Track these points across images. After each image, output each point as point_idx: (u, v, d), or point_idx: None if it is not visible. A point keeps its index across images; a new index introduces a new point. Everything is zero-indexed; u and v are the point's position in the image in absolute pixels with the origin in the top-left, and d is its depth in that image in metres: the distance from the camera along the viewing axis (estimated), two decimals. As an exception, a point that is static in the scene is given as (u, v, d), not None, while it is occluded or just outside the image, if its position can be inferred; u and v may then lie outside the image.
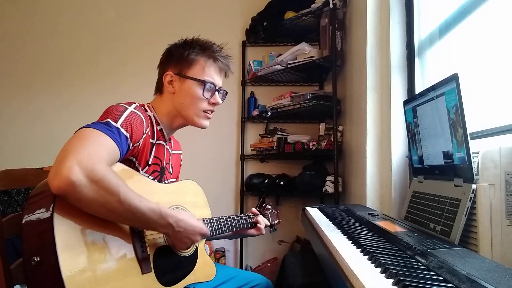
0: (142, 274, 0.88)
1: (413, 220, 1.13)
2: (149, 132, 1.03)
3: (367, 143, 1.65)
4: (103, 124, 0.87)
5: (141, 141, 0.98)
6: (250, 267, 2.56)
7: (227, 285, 1.21)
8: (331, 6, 2.10)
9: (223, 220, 1.21)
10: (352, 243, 0.83)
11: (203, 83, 1.09)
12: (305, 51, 2.27)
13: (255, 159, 2.66)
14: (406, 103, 1.26)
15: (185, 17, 2.80)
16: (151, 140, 1.05)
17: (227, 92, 1.20)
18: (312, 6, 2.25)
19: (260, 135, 2.64)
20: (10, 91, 2.83)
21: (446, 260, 0.67)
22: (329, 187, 2.15)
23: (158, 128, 1.10)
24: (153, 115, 1.09)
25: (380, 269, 0.62)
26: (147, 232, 0.93)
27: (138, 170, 1.03)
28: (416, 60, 1.56)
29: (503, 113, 1.04)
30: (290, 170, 2.57)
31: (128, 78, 2.78)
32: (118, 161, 0.90)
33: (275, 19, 2.47)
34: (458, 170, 0.94)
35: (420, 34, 1.56)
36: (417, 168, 1.22)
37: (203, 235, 0.99)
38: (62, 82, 2.82)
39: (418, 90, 1.52)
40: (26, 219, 0.76)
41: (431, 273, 0.62)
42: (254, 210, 1.40)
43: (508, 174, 0.84)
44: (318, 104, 2.22)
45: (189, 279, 1.04)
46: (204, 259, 1.13)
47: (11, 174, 1.01)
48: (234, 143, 2.72)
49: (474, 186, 0.86)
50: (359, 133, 1.79)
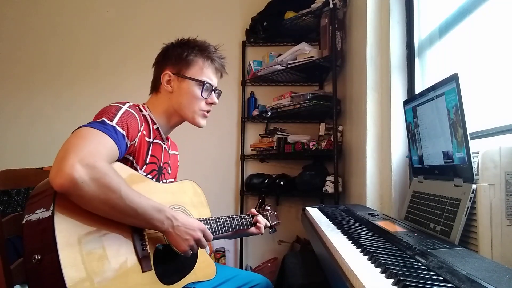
0: (143, 272, 0.88)
1: (413, 220, 1.13)
2: (144, 131, 1.04)
3: (367, 143, 1.65)
4: (99, 123, 0.88)
5: (136, 139, 0.99)
6: (250, 267, 2.56)
7: (227, 285, 1.20)
8: (331, 6, 2.10)
9: (222, 220, 1.21)
10: (352, 243, 0.83)
11: (202, 83, 1.11)
12: (305, 51, 2.27)
13: (255, 159, 2.66)
14: (406, 103, 1.26)
15: (185, 17, 2.80)
16: (147, 139, 1.06)
17: (221, 92, 1.22)
18: (312, 6, 2.25)
19: (260, 135, 2.64)
20: (10, 91, 2.83)
21: (446, 260, 0.67)
22: (329, 187, 2.15)
23: (155, 127, 1.10)
24: (148, 114, 1.09)
25: (380, 269, 0.62)
26: (147, 230, 0.93)
27: (137, 170, 1.03)
28: (416, 60, 1.56)
29: (503, 113, 1.04)
30: (290, 170, 2.57)
31: (128, 78, 2.78)
32: (118, 159, 0.91)
33: (275, 19, 2.47)
34: (458, 170, 0.94)
35: (420, 34, 1.56)
36: (417, 168, 1.22)
37: (203, 231, 0.98)
38: (62, 82, 2.82)
39: (418, 90, 1.52)
40: (26, 218, 0.77)
41: (431, 273, 0.62)
42: (253, 210, 1.40)
43: (508, 174, 0.84)
44: (318, 104, 2.22)
45: (189, 278, 1.04)
46: (204, 258, 1.13)
47: (11, 174, 1.01)
48: (234, 143, 2.72)
49: (474, 186, 0.86)
50: (359, 133, 1.79)
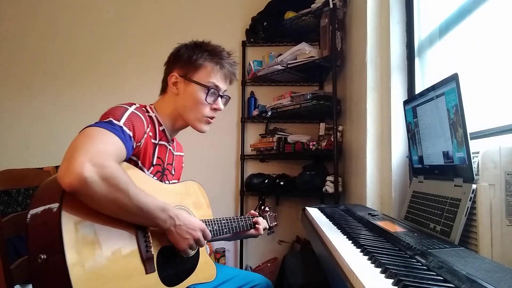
0: (146, 274, 0.88)
1: (413, 220, 1.13)
2: (150, 133, 1.03)
3: (367, 143, 1.65)
4: (106, 123, 0.88)
5: (142, 141, 0.99)
6: (250, 267, 2.56)
7: (227, 285, 1.21)
8: (331, 6, 2.10)
9: (223, 221, 1.21)
10: (352, 243, 0.83)
11: (207, 88, 1.09)
12: (305, 51, 2.27)
13: (255, 159, 2.66)
14: (406, 103, 1.26)
15: (185, 17, 2.80)
16: (153, 141, 1.06)
17: (230, 97, 1.20)
18: (312, 6, 2.25)
19: (260, 135, 2.64)
20: (10, 91, 2.83)
21: (446, 260, 0.67)
22: (329, 187, 2.15)
23: (161, 129, 1.10)
24: (155, 116, 1.09)
25: (380, 269, 0.62)
26: (151, 232, 0.93)
27: (143, 171, 1.03)
28: (416, 60, 1.56)
29: (503, 113, 1.04)
30: (290, 170, 2.57)
31: (128, 78, 2.78)
32: (125, 159, 0.91)
33: (275, 19, 2.47)
34: (458, 170, 0.94)
35: (420, 34, 1.56)
36: (417, 168, 1.22)
37: (203, 230, 0.99)
38: (62, 82, 2.82)
39: (418, 90, 1.52)
40: (32, 215, 0.76)
41: (431, 273, 0.62)
42: (253, 212, 1.40)
43: (508, 174, 0.84)
44: (318, 104, 2.22)
45: (190, 280, 1.05)
46: (205, 259, 1.14)
47: (11, 174, 1.01)
48: (234, 143, 2.72)
49: (474, 186, 0.86)
50: (359, 133, 1.79)
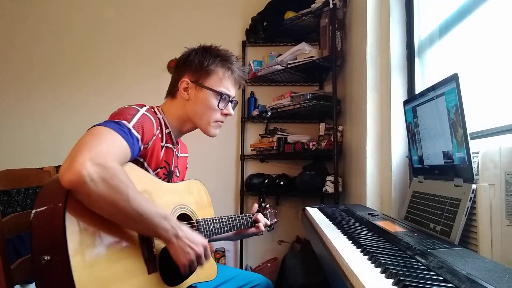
0: (149, 274, 0.88)
1: (413, 220, 1.13)
2: (159, 135, 1.04)
3: (367, 143, 1.65)
4: (115, 124, 0.87)
5: (150, 142, 0.99)
6: (250, 267, 2.56)
7: (227, 285, 1.21)
8: (331, 6, 2.10)
9: (225, 220, 1.21)
10: (352, 243, 0.83)
11: (219, 94, 1.09)
12: (305, 51, 2.27)
13: (255, 159, 2.67)
14: (406, 103, 1.26)
15: (185, 17, 2.79)
16: (161, 143, 1.06)
17: (237, 102, 1.22)
18: (312, 6, 2.26)
19: (260, 135, 2.64)
20: (10, 91, 2.83)
21: (446, 260, 0.67)
22: (329, 187, 2.15)
23: (167, 132, 1.10)
24: (162, 118, 1.09)
25: (380, 269, 0.62)
26: None
27: (148, 171, 1.03)
28: (416, 60, 1.56)
29: (503, 113, 1.04)
30: (290, 170, 2.57)
31: (128, 78, 2.78)
32: (129, 161, 0.91)
33: (275, 19, 2.47)
34: (458, 170, 0.94)
35: (420, 34, 1.56)
36: (417, 168, 1.22)
37: (205, 247, 0.94)
38: (62, 82, 2.82)
39: (418, 90, 1.52)
40: (35, 215, 0.75)
41: (431, 273, 0.62)
42: (254, 209, 1.40)
43: (508, 174, 0.84)
44: (318, 104, 2.22)
45: (191, 279, 1.04)
46: None
47: (11, 174, 1.01)
48: (234, 143, 2.72)
49: (474, 186, 0.86)
50: (359, 133, 1.79)
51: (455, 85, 0.91)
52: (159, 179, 1.07)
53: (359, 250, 0.76)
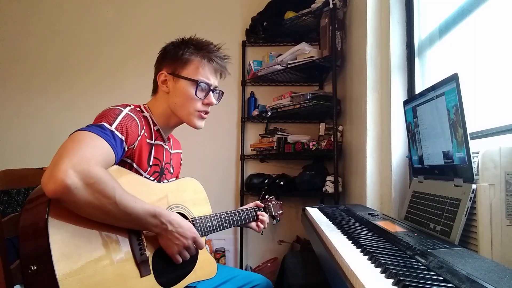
0: (141, 277, 0.87)
1: (413, 220, 1.13)
2: (145, 133, 1.03)
3: (367, 143, 1.65)
4: (97, 127, 0.87)
5: (136, 143, 0.98)
6: (250, 267, 2.56)
7: (227, 285, 1.20)
8: (331, 6, 2.10)
9: (224, 216, 1.20)
10: (352, 243, 0.83)
11: (196, 82, 1.08)
12: (305, 51, 2.27)
13: (255, 159, 2.66)
14: (406, 103, 1.26)
15: (185, 17, 2.80)
16: (148, 141, 1.05)
17: (223, 92, 1.19)
18: (312, 6, 2.25)
19: (260, 135, 2.64)
20: (10, 91, 2.82)
21: (446, 260, 0.67)
22: (329, 187, 2.15)
23: (155, 129, 1.10)
24: (149, 115, 1.09)
25: (380, 269, 0.62)
26: (145, 235, 0.93)
27: (140, 173, 1.03)
28: (416, 60, 1.56)
29: (503, 113, 1.04)
30: (290, 170, 2.57)
31: (128, 78, 2.78)
32: (114, 164, 0.90)
33: (275, 19, 2.47)
34: (458, 170, 0.94)
35: (420, 34, 1.56)
36: (417, 168, 1.22)
37: (194, 239, 0.98)
38: (62, 82, 2.82)
39: (418, 90, 1.52)
40: (22, 225, 0.76)
41: (431, 273, 0.62)
42: (258, 203, 1.39)
43: (508, 174, 0.84)
44: (318, 104, 2.22)
45: (189, 278, 1.04)
46: (204, 256, 1.13)
47: (11, 174, 1.01)
48: (234, 143, 2.72)
49: (474, 186, 0.86)
50: (359, 133, 1.79)
51: (455, 85, 0.91)
52: (151, 179, 1.07)
53: (359, 250, 0.76)
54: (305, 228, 1.39)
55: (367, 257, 0.71)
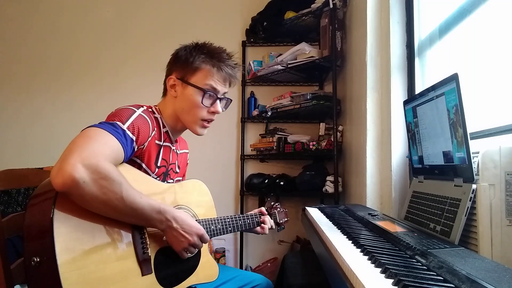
0: (142, 275, 0.88)
1: (413, 220, 1.13)
2: (155, 135, 1.04)
3: (367, 143, 1.65)
4: (109, 125, 0.88)
5: (146, 143, 0.99)
6: (250, 267, 2.56)
7: (227, 285, 1.20)
8: (331, 6, 2.10)
9: (228, 220, 1.20)
10: (352, 243, 0.83)
11: (203, 91, 1.08)
12: (305, 51, 2.27)
13: (255, 159, 2.66)
14: (406, 103, 1.26)
15: (185, 17, 2.79)
16: (157, 142, 1.06)
17: (231, 100, 1.19)
18: (312, 6, 2.26)
19: (260, 135, 2.64)
20: (10, 91, 2.83)
21: (446, 260, 0.67)
22: (329, 187, 2.15)
23: (164, 131, 1.10)
24: (159, 117, 1.09)
25: (380, 269, 0.62)
26: (148, 233, 0.93)
27: (148, 173, 1.03)
28: (416, 60, 1.56)
29: (503, 113, 1.04)
30: (290, 170, 2.57)
31: (128, 78, 2.78)
32: (122, 162, 0.91)
33: (275, 19, 2.47)
34: (458, 170, 0.94)
35: (420, 34, 1.56)
36: (417, 168, 1.22)
37: (200, 236, 0.98)
38: (62, 82, 2.82)
39: (418, 90, 1.52)
40: (27, 217, 0.77)
41: (431, 273, 0.62)
42: (262, 209, 1.38)
43: (508, 174, 0.84)
44: (318, 104, 2.22)
45: (190, 280, 1.04)
46: (207, 259, 1.13)
47: (11, 174, 1.01)
48: (234, 143, 2.72)
49: (474, 186, 0.86)
50: (359, 133, 1.79)
51: (455, 85, 0.91)
52: (158, 179, 1.07)
53: (359, 250, 0.76)
54: (305, 228, 1.39)
55: (367, 257, 0.71)
